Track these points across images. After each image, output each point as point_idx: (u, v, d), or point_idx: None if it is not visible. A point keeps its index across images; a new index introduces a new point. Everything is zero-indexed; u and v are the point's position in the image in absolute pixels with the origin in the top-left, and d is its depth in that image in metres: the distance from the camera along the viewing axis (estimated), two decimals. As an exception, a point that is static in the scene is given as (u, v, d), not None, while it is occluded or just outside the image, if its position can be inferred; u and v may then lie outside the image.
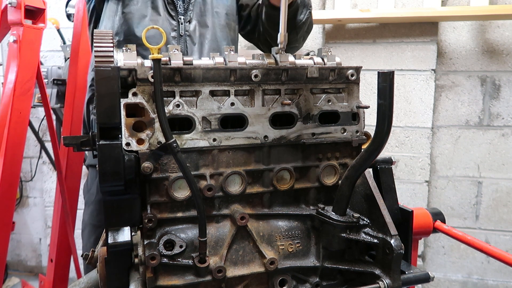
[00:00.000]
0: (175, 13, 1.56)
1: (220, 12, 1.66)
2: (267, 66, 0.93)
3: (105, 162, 0.79)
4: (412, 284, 0.96)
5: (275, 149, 0.95)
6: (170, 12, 1.55)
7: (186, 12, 1.58)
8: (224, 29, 1.68)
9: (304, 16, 1.63)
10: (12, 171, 2.10)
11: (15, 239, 3.80)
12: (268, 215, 0.97)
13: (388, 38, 2.77)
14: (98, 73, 0.78)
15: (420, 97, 2.77)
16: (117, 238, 0.84)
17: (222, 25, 1.67)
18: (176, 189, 0.88)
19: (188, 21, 1.59)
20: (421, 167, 2.83)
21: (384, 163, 1.14)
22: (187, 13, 1.58)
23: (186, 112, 0.87)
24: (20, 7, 2.08)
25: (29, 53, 2.16)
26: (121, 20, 1.51)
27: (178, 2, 1.57)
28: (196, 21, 1.60)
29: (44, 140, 3.40)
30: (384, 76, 0.77)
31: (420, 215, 1.38)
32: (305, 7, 1.63)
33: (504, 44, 2.74)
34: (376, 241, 0.91)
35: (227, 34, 1.69)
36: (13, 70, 2.09)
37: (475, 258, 2.97)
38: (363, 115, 1.00)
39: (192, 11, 1.59)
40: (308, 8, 1.65)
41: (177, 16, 1.56)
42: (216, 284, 0.90)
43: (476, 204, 2.92)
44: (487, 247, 1.30)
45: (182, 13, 1.57)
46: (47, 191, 3.62)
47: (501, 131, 2.82)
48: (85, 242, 1.68)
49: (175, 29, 1.56)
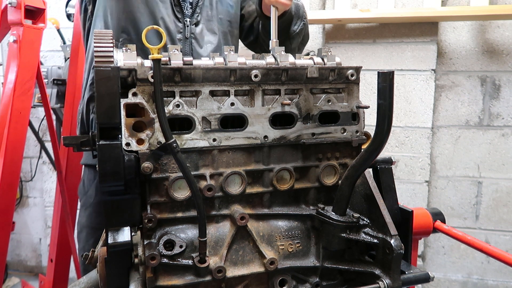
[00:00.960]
0: (181, 15, 1.57)
1: (223, 19, 1.68)
2: (267, 66, 0.93)
3: (105, 162, 0.79)
4: (412, 284, 0.96)
5: (275, 149, 0.95)
6: (177, 14, 1.56)
7: (192, 15, 1.59)
8: (227, 36, 1.70)
9: (298, 27, 1.65)
10: (12, 171, 2.10)
11: (15, 239, 3.79)
12: (268, 215, 0.97)
13: (388, 38, 2.76)
14: (98, 73, 0.78)
15: (420, 97, 2.77)
16: (117, 238, 0.84)
17: (225, 32, 1.68)
18: (176, 189, 0.88)
19: (195, 23, 1.59)
20: (421, 167, 2.83)
21: (384, 163, 1.14)
22: (193, 15, 1.59)
23: (186, 112, 0.87)
24: (20, 7, 2.08)
25: (29, 53, 2.16)
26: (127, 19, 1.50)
27: (185, 5, 1.57)
28: (203, 25, 1.61)
29: (44, 140, 3.40)
30: (384, 76, 0.77)
31: (420, 215, 1.38)
32: (299, 18, 1.65)
33: (504, 44, 2.74)
34: (376, 241, 0.91)
35: (229, 41, 1.71)
36: (13, 70, 2.09)
37: (475, 258, 2.97)
38: (363, 115, 1.00)
39: (199, 15, 1.60)
40: (302, 20, 1.66)
41: (183, 18, 1.57)
42: (216, 284, 0.90)
43: (476, 204, 2.92)
44: (487, 247, 1.30)
45: (188, 15, 1.58)
46: (47, 191, 3.62)
47: (501, 131, 2.82)
48: (83, 244, 1.64)
49: (181, 31, 1.57)
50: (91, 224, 1.61)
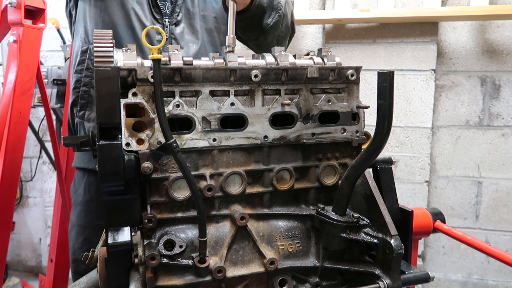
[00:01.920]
0: (160, 16, 1.52)
1: (208, 16, 1.61)
2: (267, 66, 0.93)
3: (105, 162, 0.79)
4: (412, 284, 0.96)
5: (275, 149, 0.95)
6: (155, 15, 1.51)
7: (172, 15, 1.54)
8: (212, 33, 1.63)
9: (272, 19, 1.55)
10: (12, 171, 2.10)
11: (15, 239, 3.80)
12: (268, 215, 0.97)
13: (388, 38, 2.77)
14: (98, 73, 0.78)
15: (420, 97, 2.77)
16: (117, 238, 0.84)
17: (209, 29, 1.62)
18: (176, 189, 0.88)
19: (175, 23, 1.54)
20: (421, 167, 2.83)
21: (384, 163, 1.14)
22: (173, 15, 1.54)
23: (186, 112, 0.87)
24: (20, 7, 2.08)
25: (29, 53, 2.16)
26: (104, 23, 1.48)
27: (164, 4, 1.53)
28: (185, 24, 1.56)
29: (44, 140, 3.40)
30: (384, 76, 0.77)
31: (420, 215, 1.38)
32: (273, 10, 1.55)
33: (504, 44, 2.74)
34: (376, 241, 0.91)
35: (215, 38, 1.64)
36: (13, 70, 2.09)
37: (475, 258, 2.97)
38: (363, 115, 1.00)
39: (179, 13, 1.55)
40: (277, 12, 1.56)
41: (162, 19, 1.52)
42: (216, 284, 0.89)
43: (476, 204, 2.92)
44: (487, 247, 1.30)
45: (168, 15, 1.53)
46: (47, 191, 3.62)
47: (501, 131, 2.82)
48: (73, 243, 1.64)
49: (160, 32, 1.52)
50: (80, 223, 1.61)
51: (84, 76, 1.53)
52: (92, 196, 1.59)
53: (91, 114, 1.54)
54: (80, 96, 1.54)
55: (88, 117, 1.54)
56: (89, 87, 1.53)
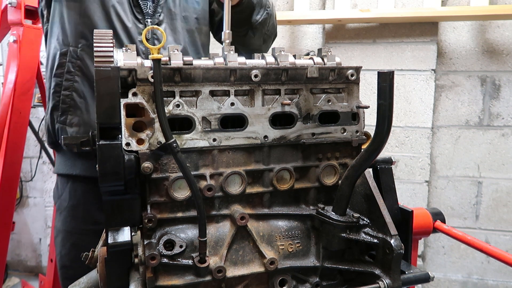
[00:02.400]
0: (142, 16, 1.50)
1: (189, 17, 1.60)
2: (267, 66, 0.93)
3: (105, 162, 0.79)
4: (412, 284, 0.96)
5: (275, 149, 0.95)
6: (136, 15, 1.49)
7: (154, 15, 1.52)
8: (193, 34, 1.61)
9: (261, 16, 1.58)
10: (12, 171, 2.10)
11: (15, 239, 3.80)
12: (268, 215, 0.97)
13: (388, 38, 2.77)
14: (98, 73, 0.78)
15: (420, 97, 2.77)
16: (117, 238, 0.84)
17: (191, 29, 1.60)
18: (176, 189, 0.88)
19: (157, 23, 1.52)
20: (421, 167, 2.83)
21: (384, 163, 1.14)
22: (155, 15, 1.52)
23: (186, 112, 0.88)
24: (20, 7, 2.09)
25: (29, 53, 2.17)
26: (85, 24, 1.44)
27: (146, 4, 1.50)
28: (166, 24, 1.54)
29: (44, 140, 3.40)
30: (384, 76, 0.77)
31: (420, 215, 1.38)
32: (262, 7, 1.57)
33: (504, 44, 2.74)
34: (376, 241, 0.91)
35: (196, 39, 1.63)
36: (13, 70, 2.10)
37: (475, 258, 2.97)
38: (363, 115, 1.00)
39: (161, 14, 1.53)
40: (266, 9, 1.59)
41: (143, 19, 1.50)
42: (216, 284, 0.90)
43: (476, 204, 2.92)
44: (487, 247, 1.30)
45: (150, 15, 1.51)
46: (47, 191, 3.62)
47: (501, 131, 2.82)
48: (59, 249, 1.57)
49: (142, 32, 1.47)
50: (67, 228, 1.56)
51: (65, 79, 1.47)
52: (79, 201, 1.53)
53: (74, 118, 1.47)
54: (61, 101, 1.47)
55: (70, 122, 1.47)
56: (71, 90, 1.47)
